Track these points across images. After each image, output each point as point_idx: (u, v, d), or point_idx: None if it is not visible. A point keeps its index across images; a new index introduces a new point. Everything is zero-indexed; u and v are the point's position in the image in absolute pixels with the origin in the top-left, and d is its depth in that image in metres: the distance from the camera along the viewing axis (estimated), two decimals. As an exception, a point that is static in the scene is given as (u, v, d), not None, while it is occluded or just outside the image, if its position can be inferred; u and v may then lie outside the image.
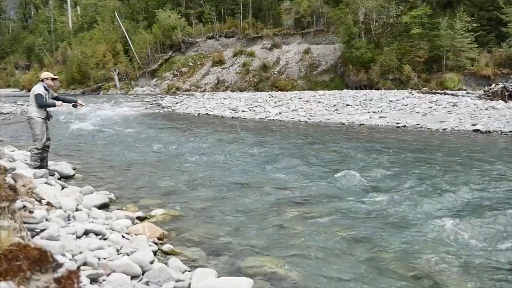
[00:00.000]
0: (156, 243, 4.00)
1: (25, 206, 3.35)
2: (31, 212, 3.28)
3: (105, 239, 3.77)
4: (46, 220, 3.52)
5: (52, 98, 6.57)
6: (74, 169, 7.10)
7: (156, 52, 46.01)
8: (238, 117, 18.39)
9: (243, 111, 19.88)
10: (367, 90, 26.73)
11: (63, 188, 5.45)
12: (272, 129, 14.30)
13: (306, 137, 12.13)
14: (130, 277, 3.13)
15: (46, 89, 6.41)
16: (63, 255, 2.97)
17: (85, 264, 3.04)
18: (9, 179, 4.07)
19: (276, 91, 31.71)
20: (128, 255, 3.47)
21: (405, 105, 18.38)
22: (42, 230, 3.19)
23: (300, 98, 23.28)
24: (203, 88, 39.91)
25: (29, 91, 8.61)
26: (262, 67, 37.99)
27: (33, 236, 3.04)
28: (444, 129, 13.28)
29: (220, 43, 44.92)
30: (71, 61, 49.73)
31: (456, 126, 13.46)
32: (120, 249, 3.63)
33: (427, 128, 13.60)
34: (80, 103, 6.88)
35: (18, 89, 55.10)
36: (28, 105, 6.73)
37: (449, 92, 22.35)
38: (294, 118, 17.26)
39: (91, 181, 6.41)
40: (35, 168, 6.17)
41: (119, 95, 38.51)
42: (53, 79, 6.58)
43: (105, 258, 3.31)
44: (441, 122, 14.27)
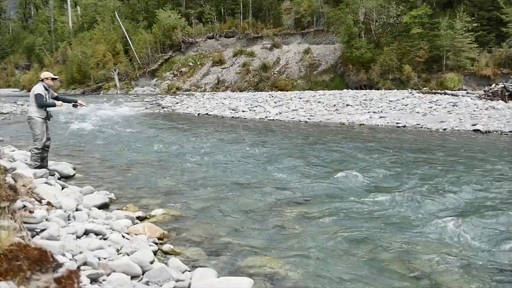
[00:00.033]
0: (156, 243, 4.00)
1: (25, 206, 3.35)
2: (31, 212, 3.28)
3: (105, 239, 3.77)
4: (46, 220, 3.52)
5: (52, 98, 6.57)
6: (74, 169, 7.11)
7: (156, 52, 46.01)
8: (238, 117, 18.38)
9: (243, 111, 19.88)
10: (367, 90, 26.74)
11: (63, 188, 5.45)
12: (272, 129, 14.30)
13: (306, 137, 12.13)
14: (130, 277, 3.13)
15: (46, 89, 6.42)
16: (63, 255, 2.97)
17: (85, 264, 3.04)
18: (9, 179, 4.07)
19: (276, 91, 31.71)
20: (128, 255, 3.47)
21: (405, 105, 18.38)
22: (42, 230, 3.19)
23: (300, 98, 23.28)
24: (203, 88, 39.91)
25: (29, 91, 8.61)
26: (262, 67, 37.98)
27: (33, 236, 3.04)
28: (444, 129, 13.28)
29: (220, 43, 44.93)
30: (71, 61, 49.72)
31: (456, 126, 13.46)
32: (120, 249, 3.63)
33: (427, 128, 13.60)
34: (80, 103, 6.89)
35: (18, 89, 55.07)
36: (28, 105, 6.73)
37: (449, 92, 22.34)
38: (294, 118, 17.25)
39: (91, 181, 6.42)
40: (35, 168, 6.17)
41: (119, 95, 38.51)
42: (53, 79, 6.58)
43: (105, 258, 3.31)
44: (441, 122, 14.27)
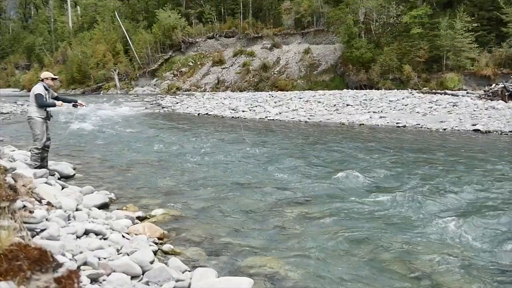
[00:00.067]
0: (156, 243, 4.00)
1: (25, 206, 3.34)
2: (31, 212, 3.28)
3: (105, 239, 3.77)
4: (46, 220, 3.52)
5: (52, 98, 6.57)
6: (74, 169, 7.11)
7: (156, 52, 45.99)
8: (238, 117, 18.38)
9: (243, 111, 19.87)
10: (367, 90, 26.73)
11: (63, 188, 5.45)
12: (272, 129, 14.30)
13: (306, 137, 12.13)
14: (130, 277, 3.13)
15: (46, 89, 6.42)
16: (63, 255, 2.96)
17: (85, 264, 3.04)
18: (9, 179, 4.06)
19: (276, 91, 31.71)
20: (128, 255, 3.47)
21: (405, 105, 18.38)
22: (42, 230, 3.19)
23: (300, 98, 23.27)
24: (203, 88, 39.90)
25: (29, 91, 8.61)
26: (262, 67, 37.97)
27: (33, 236, 3.04)
28: (444, 129, 13.28)
29: (220, 43, 44.92)
30: (71, 61, 49.70)
31: (456, 126, 13.46)
32: (120, 249, 3.63)
33: (427, 128, 13.59)
34: (80, 103, 6.90)
35: (18, 89, 55.05)
36: (28, 105, 6.73)
37: (449, 92, 22.33)
38: (294, 118, 17.25)
39: (91, 181, 6.42)
40: (35, 168, 6.17)
41: (119, 95, 38.51)
42: (53, 79, 6.58)
43: (105, 258, 3.31)
44: (441, 122, 14.27)
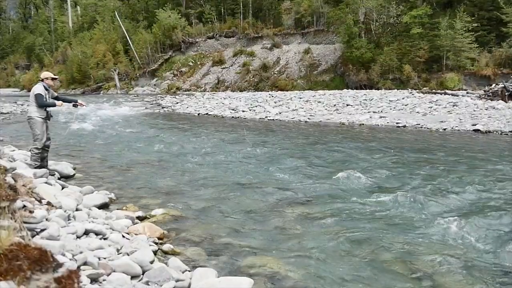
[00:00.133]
0: (156, 243, 4.00)
1: (25, 206, 3.34)
2: (31, 212, 3.28)
3: (105, 239, 3.77)
4: (46, 220, 3.51)
5: (52, 98, 6.57)
6: (74, 169, 7.10)
7: (156, 52, 46.00)
8: (238, 117, 18.38)
9: (243, 111, 19.87)
10: (367, 90, 26.74)
11: (63, 188, 5.45)
12: (273, 128, 14.30)
13: (306, 137, 12.13)
14: (130, 277, 3.12)
15: (46, 89, 6.42)
16: (63, 255, 2.96)
17: (85, 264, 3.04)
18: (9, 179, 4.06)
19: (276, 91, 31.73)
20: (128, 254, 3.47)
21: (405, 105, 18.38)
22: (42, 230, 3.19)
23: (300, 98, 23.28)
24: (203, 88, 39.90)
25: (29, 91, 8.61)
26: (262, 67, 37.98)
27: (33, 236, 3.04)
28: (444, 129, 13.28)
29: (220, 43, 44.92)
30: (71, 61, 49.72)
31: (456, 126, 13.46)
32: (120, 249, 3.62)
33: (427, 128, 13.60)
34: (80, 103, 6.90)
35: (18, 89, 55.08)
36: (28, 105, 6.73)
37: (449, 92, 22.33)
38: (294, 118, 17.25)
39: (91, 181, 6.41)
40: (35, 168, 6.17)
41: (119, 95, 38.51)
42: (53, 78, 6.58)
43: (105, 258, 3.31)
44: (441, 122, 14.27)
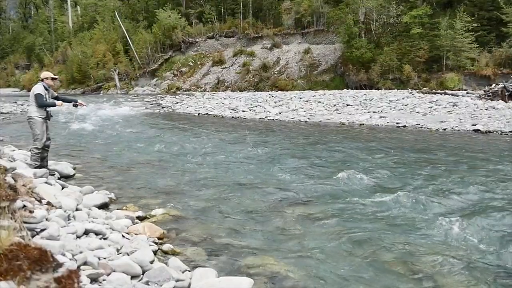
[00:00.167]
0: (156, 243, 4.00)
1: (25, 206, 3.34)
2: (31, 211, 3.28)
3: (105, 238, 3.77)
4: (46, 219, 3.51)
5: (52, 98, 6.57)
6: (74, 168, 7.11)
7: (156, 52, 45.99)
8: (238, 117, 18.38)
9: (243, 111, 19.87)
10: (367, 90, 26.73)
11: (63, 188, 5.45)
12: (273, 128, 14.30)
13: (307, 137, 12.13)
14: (130, 276, 3.12)
15: (46, 89, 6.41)
16: (63, 254, 2.96)
17: (85, 263, 3.04)
18: (9, 179, 4.06)
19: (276, 91, 31.73)
20: (128, 254, 3.47)
21: (405, 105, 18.38)
22: (42, 230, 3.19)
23: (300, 98, 23.27)
24: (203, 88, 39.90)
25: (29, 91, 8.61)
26: (262, 67, 37.97)
27: (33, 236, 3.04)
28: (444, 129, 13.28)
29: (220, 43, 44.92)
30: (71, 61, 49.71)
31: (456, 126, 13.46)
32: (120, 249, 3.63)
33: (427, 128, 13.59)
34: (80, 103, 6.90)
35: (18, 89, 55.07)
36: (28, 105, 6.73)
37: (449, 92, 22.34)
38: (294, 118, 17.25)
39: (91, 181, 6.41)
40: (35, 167, 6.17)
41: (119, 95, 38.50)
42: (53, 78, 6.58)
43: (105, 258, 3.31)
44: (441, 122, 14.27)
